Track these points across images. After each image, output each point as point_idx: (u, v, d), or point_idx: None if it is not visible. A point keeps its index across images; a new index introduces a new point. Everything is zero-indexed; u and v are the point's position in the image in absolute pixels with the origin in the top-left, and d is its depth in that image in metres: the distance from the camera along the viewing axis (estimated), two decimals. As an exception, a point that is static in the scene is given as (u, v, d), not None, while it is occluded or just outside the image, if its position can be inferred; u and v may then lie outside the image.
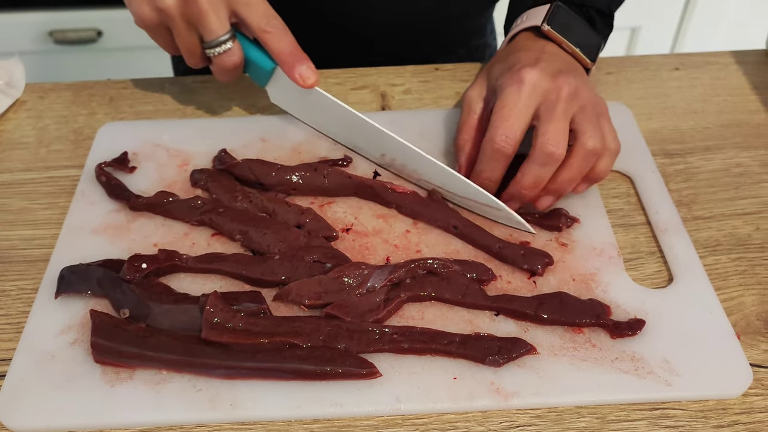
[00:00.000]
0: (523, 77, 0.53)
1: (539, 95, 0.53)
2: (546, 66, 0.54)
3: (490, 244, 0.53)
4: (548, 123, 0.52)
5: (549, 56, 0.56)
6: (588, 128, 0.53)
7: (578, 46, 0.58)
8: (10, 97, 0.68)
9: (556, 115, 0.52)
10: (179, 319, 0.48)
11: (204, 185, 0.58)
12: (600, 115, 0.54)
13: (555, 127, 0.52)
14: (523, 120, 0.52)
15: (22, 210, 0.58)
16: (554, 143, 0.51)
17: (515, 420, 0.45)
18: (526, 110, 0.52)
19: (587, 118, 0.53)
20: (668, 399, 0.45)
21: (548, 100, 0.53)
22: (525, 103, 0.52)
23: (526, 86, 0.53)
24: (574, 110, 0.53)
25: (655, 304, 0.50)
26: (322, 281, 0.50)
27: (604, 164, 0.54)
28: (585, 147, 0.52)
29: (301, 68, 0.56)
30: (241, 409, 0.44)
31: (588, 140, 0.52)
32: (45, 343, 0.48)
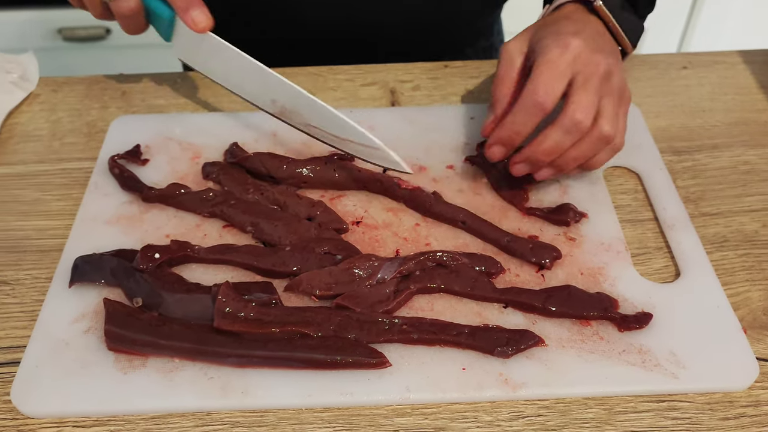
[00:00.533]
0: (568, 42, 0.53)
1: (580, 64, 0.53)
2: (589, 40, 0.54)
3: (499, 238, 0.54)
4: (582, 93, 0.52)
5: (594, 32, 0.56)
6: (609, 113, 0.53)
7: (624, 29, 0.58)
8: (24, 90, 0.69)
9: (590, 87, 0.52)
10: (191, 309, 0.49)
11: (216, 178, 0.59)
12: (621, 106, 0.55)
13: (587, 99, 0.52)
14: (564, 81, 0.53)
15: (35, 201, 0.59)
16: (584, 113, 0.52)
17: (523, 410, 0.45)
18: (567, 73, 0.53)
19: (612, 102, 0.53)
20: (675, 391, 0.46)
21: (586, 71, 0.53)
22: (566, 67, 0.53)
23: (570, 52, 0.53)
24: (605, 91, 0.53)
25: (662, 299, 0.50)
26: (332, 272, 0.50)
27: (605, 156, 0.55)
28: (601, 130, 0.53)
29: (194, 12, 0.56)
30: (252, 397, 0.45)
31: (605, 125, 0.53)
32: (59, 331, 0.48)
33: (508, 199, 0.57)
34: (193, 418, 0.45)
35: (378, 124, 0.64)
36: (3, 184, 0.60)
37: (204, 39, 0.57)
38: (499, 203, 0.57)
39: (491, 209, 0.57)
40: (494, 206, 0.57)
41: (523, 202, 0.57)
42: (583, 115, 0.52)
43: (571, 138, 0.52)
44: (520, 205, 0.57)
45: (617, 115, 0.54)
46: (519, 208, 0.57)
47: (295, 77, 0.71)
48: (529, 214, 0.56)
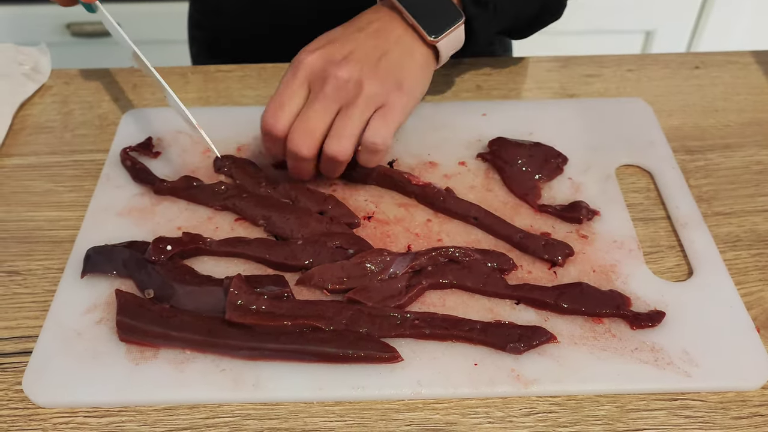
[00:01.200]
0: (299, 61, 0.52)
1: (310, 80, 0.52)
2: (334, 48, 0.52)
3: (511, 235, 0.54)
4: (302, 116, 0.52)
5: (360, 36, 0.53)
6: (336, 130, 0.52)
7: (422, 17, 0.54)
8: (37, 82, 0.69)
9: (314, 107, 0.51)
10: (203, 301, 0.49)
11: (227, 171, 0.59)
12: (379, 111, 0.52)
13: (305, 122, 0.51)
14: (293, 104, 0.52)
15: (47, 192, 0.59)
16: (298, 144, 0.51)
17: (535, 407, 0.45)
18: (296, 94, 0.52)
19: (347, 115, 0.51)
20: (687, 390, 0.46)
21: (314, 90, 0.52)
22: (295, 88, 0.52)
23: (299, 70, 0.52)
24: (339, 104, 0.52)
25: (674, 297, 0.50)
26: (344, 266, 0.50)
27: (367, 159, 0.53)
28: (325, 152, 0.52)
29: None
30: (264, 389, 0.45)
31: (330, 144, 0.52)
32: (71, 321, 0.48)
33: (521, 196, 0.57)
34: (204, 409, 0.45)
35: (390, 119, 0.64)
36: (15, 175, 0.60)
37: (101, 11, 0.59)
38: (512, 200, 0.57)
39: (503, 206, 0.57)
40: (506, 203, 0.57)
41: (535, 199, 0.57)
42: (295, 146, 0.52)
43: (304, 163, 0.53)
44: (533, 202, 0.56)
45: (353, 126, 0.51)
46: (531, 205, 0.56)
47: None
48: (541, 211, 0.56)
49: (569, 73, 0.71)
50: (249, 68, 0.72)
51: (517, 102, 0.67)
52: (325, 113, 0.52)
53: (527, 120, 0.64)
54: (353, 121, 0.52)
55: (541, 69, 0.72)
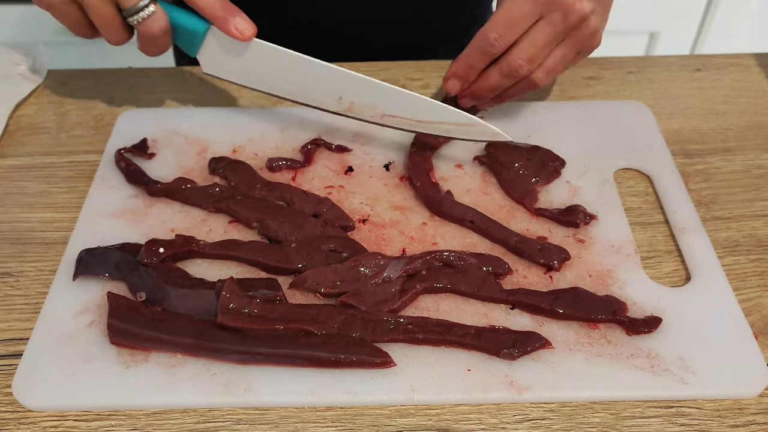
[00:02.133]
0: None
1: (548, 7, 0.52)
2: None
3: (507, 239, 0.53)
4: (533, 40, 0.53)
5: None
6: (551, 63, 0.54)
7: None
8: (33, 82, 0.69)
9: (546, 36, 0.53)
10: (195, 304, 0.48)
11: (222, 173, 0.58)
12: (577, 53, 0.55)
13: (535, 48, 0.53)
14: (521, 27, 0.53)
15: (41, 193, 0.58)
16: (524, 63, 0.53)
17: (528, 413, 0.45)
18: (528, 18, 0.53)
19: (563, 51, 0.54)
20: (684, 397, 0.45)
21: (552, 18, 0.52)
22: (529, 10, 0.52)
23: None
24: (566, 37, 0.54)
25: (671, 303, 0.49)
26: (338, 270, 0.50)
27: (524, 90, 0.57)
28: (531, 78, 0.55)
29: (236, 20, 0.53)
30: (255, 394, 0.45)
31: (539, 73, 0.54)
32: (62, 324, 0.48)
33: (518, 200, 0.57)
34: (195, 414, 0.45)
35: (387, 121, 0.63)
36: (9, 175, 0.60)
37: (248, 47, 0.55)
38: (508, 203, 0.57)
39: (500, 209, 0.56)
40: (503, 206, 0.57)
41: (532, 203, 0.56)
42: (522, 63, 0.53)
43: (509, 81, 0.55)
44: (530, 205, 0.56)
45: (563, 64, 0.55)
46: (528, 209, 0.56)
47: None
48: (538, 214, 0.56)
49: (569, 76, 0.70)
50: (246, 69, 0.71)
51: (516, 104, 0.66)
52: (553, 44, 0.53)
53: (526, 123, 0.64)
54: (566, 60, 0.55)
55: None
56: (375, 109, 0.56)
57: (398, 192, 0.58)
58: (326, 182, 0.58)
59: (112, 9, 0.52)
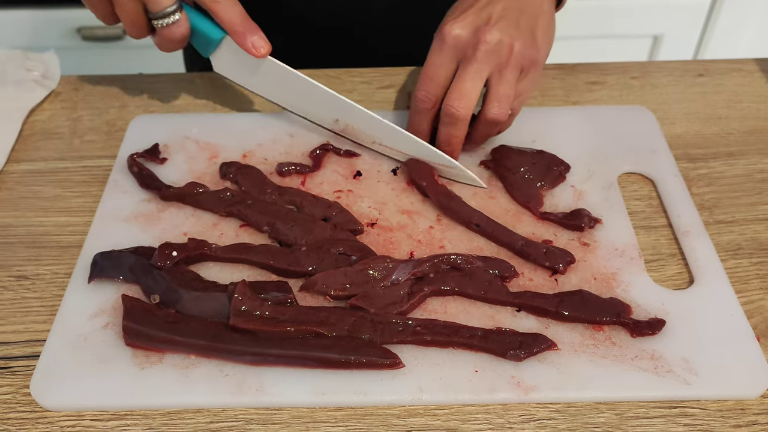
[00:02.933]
0: (444, 33, 0.54)
1: (458, 50, 0.54)
2: (475, 14, 0.54)
3: (513, 242, 0.54)
4: (457, 80, 0.54)
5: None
6: (495, 93, 0.55)
7: None
8: (46, 88, 0.70)
9: (466, 74, 0.54)
10: (208, 306, 0.49)
11: (233, 178, 0.59)
12: (525, 70, 0.56)
13: (461, 85, 0.54)
14: (443, 76, 0.55)
15: (56, 197, 0.60)
16: (456, 102, 0.54)
17: (535, 413, 0.46)
18: (445, 65, 0.55)
19: (503, 77, 0.55)
20: (687, 398, 0.46)
21: (466, 56, 0.54)
22: (443, 60, 0.55)
23: (446, 43, 0.54)
24: (491, 69, 0.54)
25: (675, 305, 0.50)
26: (347, 273, 0.51)
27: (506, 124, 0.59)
28: (485, 116, 0.55)
29: (254, 38, 0.56)
30: (267, 394, 0.46)
31: (491, 108, 0.55)
32: (78, 326, 0.49)
33: (523, 204, 0.58)
34: (208, 414, 0.46)
35: (394, 126, 0.65)
36: (24, 180, 0.61)
37: (260, 61, 0.58)
38: (514, 207, 0.58)
39: (505, 213, 0.57)
40: (508, 210, 0.57)
41: (537, 207, 0.57)
42: (454, 107, 0.54)
43: (457, 127, 0.56)
44: (535, 209, 0.57)
45: (510, 89, 0.55)
46: (533, 213, 0.57)
47: (312, 79, 0.71)
48: (543, 218, 0.56)
49: (573, 81, 0.71)
50: (255, 75, 0.72)
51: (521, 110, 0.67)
52: (479, 76, 0.54)
53: (530, 128, 0.64)
54: (511, 83, 0.55)
55: (545, 76, 0.72)
56: (368, 136, 0.60)
57: (405, 196, 0.59)
58: (335, 186, 0.59)
59: (139, 8, 0.55)
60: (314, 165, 0.61)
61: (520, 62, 0.55)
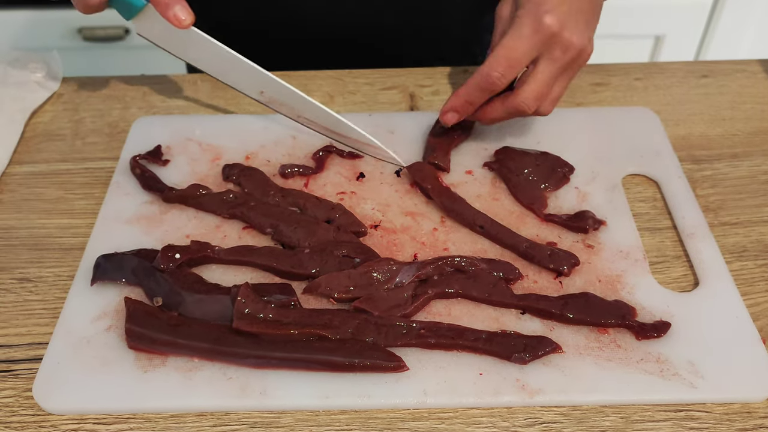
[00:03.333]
0: (541, 23, 0.53)
1: (546, 45, 0.54)
2: (570, 13, 0.54)
3: (517, 244, 0.54)
4: (538, 79, 0.54)
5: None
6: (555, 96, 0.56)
7: None
8: (48, 89, 0.70)
9: (550, 73, 0.54)
10: (211, 309, 0.49)
11: (236, 180, 0.59)
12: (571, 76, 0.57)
13: (541, 86, 0.55)
14: (523, 64, 0.54)
15: (58, 199, 0.59)
16: (531, 102, 0.55)
17: (540, 417, 0.45)
18: (530, 55, 0.54)
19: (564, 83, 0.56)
20: (693, 401, 0.46)
21: (552, 55, 0.54)
22: (531, 48, 0.53)
23: (539, 34, 0.53)
24: (567, 69, 0.55)
25: (680, 308, 0.50)
26: (351, 275, 0.51)
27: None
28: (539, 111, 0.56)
29: (176, 9, 0.54)
30: (271, 397, 0.45)
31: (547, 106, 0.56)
32: (81, 329, 0.49)
33: (527, 206, 0.57)
34: (212, 417, 0.45)
35: (397, 128, 0.64)
36: (26, 182, 0.61)
37: (184, 32, 0.56)
38: (518, 209, 0.57)
39: (509, 215, 0.57)
40: (512, 212, 0.57)
41: (541, 209, 0.57)
42: (528, 102, 0.55)
43: (512, 115, 0.57)
44: (539, 211, 0.57)
45: (564, 93, 0.57)
46: (537, 215, 0.57)
47: (314, 80, 0.71)
48: (547, 220, 0.56)
49: (576, 82, 0.71)
50: (257, 76, 0.72)
51: (524, 111, 0.67)
52: (557, 79, 0.55)
53: (534, 129, 0.64)
54: (565, 86, 0.57)
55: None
56: (292, 109, 0.60)
57: (409, 198, 0.58)
58: (338, 188, 0.59)
59: None
60: (317, 167, 0.60)
61: (580, 68, 0.57)
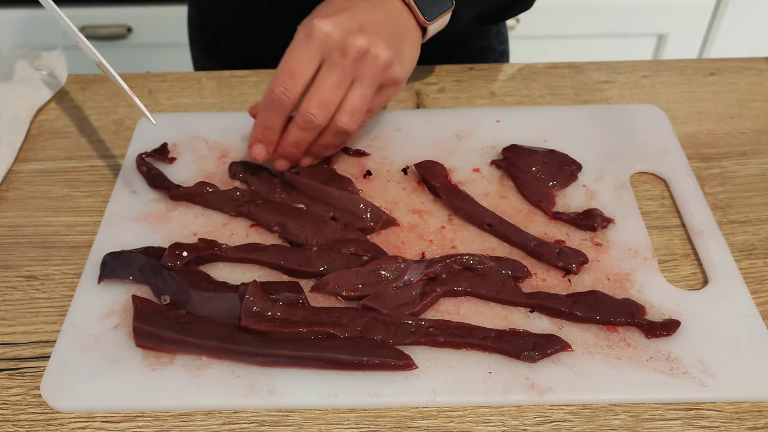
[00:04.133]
0: (312, 28, 0.51)
1: (325, 49, 0.51)
2: (349, 18, 0.51)
3: (526, 242, 0.54)
4: (318, 86, 0.52)
5: (368, 7, 0.53)
6: (350, 104, 0.52)
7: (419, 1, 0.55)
8: (53, 87, 0.70)
9: (331, 78, 0.51)
10: (219, 307, 0.49)
11: (243, 177, 0.59)
12: (384, 87, 0.54)
13: (323, 93, 0.52)
14: (306, 74, 0.52)
15: (64, 197, 0.59)
16: (315, 110, 0.52)
17: (549, 415, 0.45)
18: (309, 63, 0.51)
19: (362, 89, 0.52)
20: (703, 400, 0.45)
21: (332, 61, 0.51)
22: (308, 58, 0.51)
23: (313, 38, 0.51)
24: (354, 76, 0.52)
25: (689, 306, 0.50)
26: (359, 273, 0.50)
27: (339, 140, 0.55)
28: (335, 124, 0.53)
29: None
30: (279, 396, 0.45)
31: (342, 118, 0.53)
32: (88, 327, 0.49)
33: (535, 203, 0.57)
34: (220, 416, 0.45)
35: (403, 126, 0.64)
36: (32, 180, 0.61)
37: None
38: (526, 207, 0.57)
39: (517, 213, 0.57)
40: (520, 210, 0.57)
41: (549, 207, 0.56)
42: (314, 113, 0.52)
43: (309, 133, 0.54)
44: (547, 209, 0.56)
45: (363, 103, 0.53)
46: (545, 213, 0.56)
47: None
48: (555, 218, 0.56)
49: (583, 80, 0.71)
50: (263, 74, 0.72)
51: (531, 108, 0.67)
52: (341, 85, 0.52)
53: (541, 127, 0.64)
54: (367, 98, 0.53)
55: (555, 75, 0.72)
56: None
57: (416, 196, 0.58)
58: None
59: None
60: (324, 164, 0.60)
61: (382, 77, 0.53)
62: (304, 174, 0.58)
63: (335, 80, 0.51)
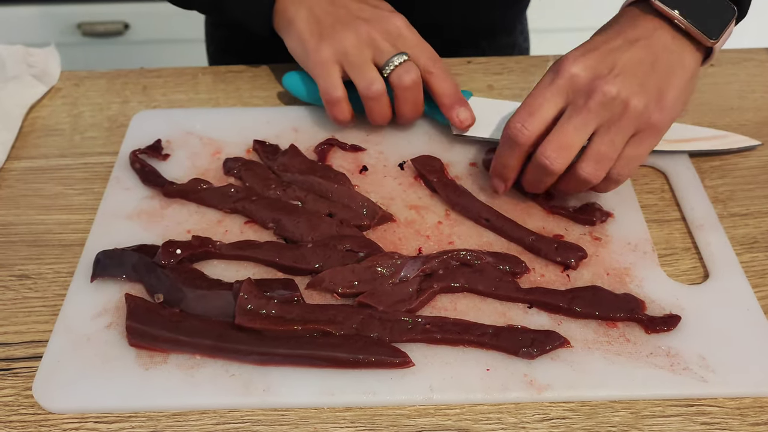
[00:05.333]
0: (560, 67, 0.49)
1: (570, 91, 0.49)
2: (600, 58, 0.48)
3: (523, 237, 0.53)
4: (559, 128, 0.49)
5: (625, 45, 0.49)
6: (593, 151, 0.49)
7: (697, 20, 0.49)
8: (46, 84, 0.69)
9: (571, 125, 0.48)
10: (213, 305, 0.49)
11: (237, 173, 0.58)
12: (639, 133, 0.49)
13: (563, 136, 0.48)
14: (546, 113, 0.49)
15: (57, 195, 0.59)
16: (552, 153, 0.49)
17: (548, 413, 0.44)
18: (551, 104, 0.49)
19: (608, 136, 0.48)
20: (704, 395, 0.45)
21: (576, 103, 0.48)
22: (551, 96, 0.49)
23: (559, 78, 0.49)
24: (599, 122, 0.48)
25: (690, 300, 0.49)
26: (355, 270, 0.50)
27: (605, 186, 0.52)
28: (576, 171, 0.50)
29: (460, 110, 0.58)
30: (274, 395, 0.45)
31: (586, 167, 0.49)
32: (81, 326, 0.48)
33: (532, 198, 0.56)
34: (215, 415, 0.45)
35: (400, 120, 0.63)
36: (25, 177, 0.60)
37: None
38: (523, 202, 0.57)
39: (515, 208, 0.56)
40: (518, 205, 0.56)
41: (547, 201, 0.56)
42: (549, 159, 0.49)
43: (546, 178, 0.51)
44: (545, 203, 0.56)
45: (612, 151, 0.49)
46: (543, 207, 0.56)
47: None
48: (553, 212, 0.55)
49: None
50: (259, 69, 0.71)
51: (529, 102, 0.66)
52: (584, 129, 0.48)
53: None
54: (615, 145, 0.49)
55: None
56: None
57: (413, 191, 0.58)
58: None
59: None
60: (319, 160, 0.60)
61: (634, 123, 0.48)
62: (300, 170, 0.57)
63: (578, 125, 0.48)
